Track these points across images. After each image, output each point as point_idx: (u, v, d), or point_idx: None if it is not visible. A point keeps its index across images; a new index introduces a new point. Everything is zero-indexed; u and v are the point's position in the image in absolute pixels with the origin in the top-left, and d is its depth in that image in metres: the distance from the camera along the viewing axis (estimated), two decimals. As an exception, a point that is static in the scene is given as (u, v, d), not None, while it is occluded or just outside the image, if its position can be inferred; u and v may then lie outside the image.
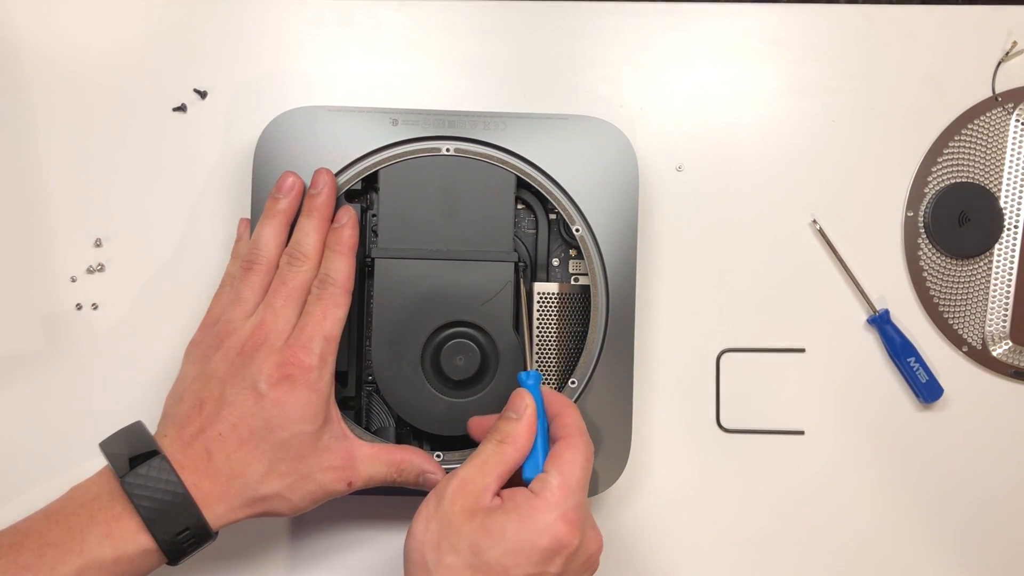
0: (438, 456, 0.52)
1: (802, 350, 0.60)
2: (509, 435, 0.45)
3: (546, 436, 0.47)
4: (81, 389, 0.58)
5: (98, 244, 0.58)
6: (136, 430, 0.47)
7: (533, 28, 0.60)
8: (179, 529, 0.43)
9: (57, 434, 0.58)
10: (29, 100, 0.59)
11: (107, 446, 0.46)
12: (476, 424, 0.51)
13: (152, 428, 0.47)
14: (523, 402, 0.46)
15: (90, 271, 0.58)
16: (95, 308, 0.58)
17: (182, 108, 0.59)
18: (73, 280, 0.58)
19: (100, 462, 0.45)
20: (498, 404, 0.52)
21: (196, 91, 0.59)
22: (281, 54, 0.59)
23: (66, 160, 0.58)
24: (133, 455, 0.44)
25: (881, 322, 0.59)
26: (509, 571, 0.42)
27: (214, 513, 0.44)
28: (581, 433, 0.46)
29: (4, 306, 0.58)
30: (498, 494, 0.44)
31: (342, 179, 0.53)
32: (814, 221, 0.60)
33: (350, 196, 0.54)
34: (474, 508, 0.43)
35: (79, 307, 0.58)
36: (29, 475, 0.57)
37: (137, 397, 0.58)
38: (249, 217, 0.54)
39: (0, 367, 0.58)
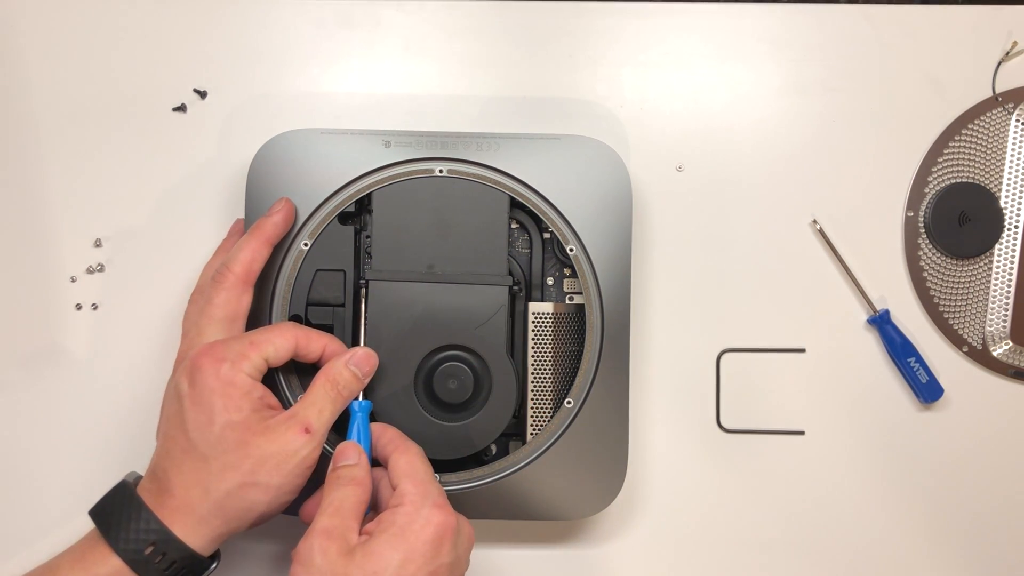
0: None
1: (802, 350, 0.60)
2: (353, 478, 0.46)
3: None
4: (81, 389, 0.58)
5: (98, 244, 0.58)
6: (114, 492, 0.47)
7: (533, 28, 0.60)
8: (135, 536, 0.43)
9: (57, 434, 0.58)
10: (29, 100, 0.59)
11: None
12: (306, 508, 0.49)
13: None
14: (355, 450, 0.47)
15: (90, 271, 0.58)
16: (95, 308, 0.58)
17: (182, 108, 0.59)
18: (73, 280, 0.58)
19: (98, 463, 0.45)
20: (490, 428, 0.53)
21: (196, 91, 0.59)
22: (281, 54, 0.59)
23: (66, 160, 0.58)
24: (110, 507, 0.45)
25: (881, 322, 0.59)
26: None
27: (187, 528, 0.44)
28: (403, 439, 0.48)
29: (4, 306, 0.58)
30: (361, 533, 0.44)
31: (336, 201, 0.53)
32: (814, 221, 0.60)
33: (343, 218, 0.54)
34: (348, 548, 0.43)
35: (79, 307, 0.58)
36: (29, 475, 0.57)
37: (137, 397, 0.58)
38: (244, 218, 0.54)
39: (0, 367, 0.58)
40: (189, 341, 0.49)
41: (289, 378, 0.52)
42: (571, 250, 0.54)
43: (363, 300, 0.53)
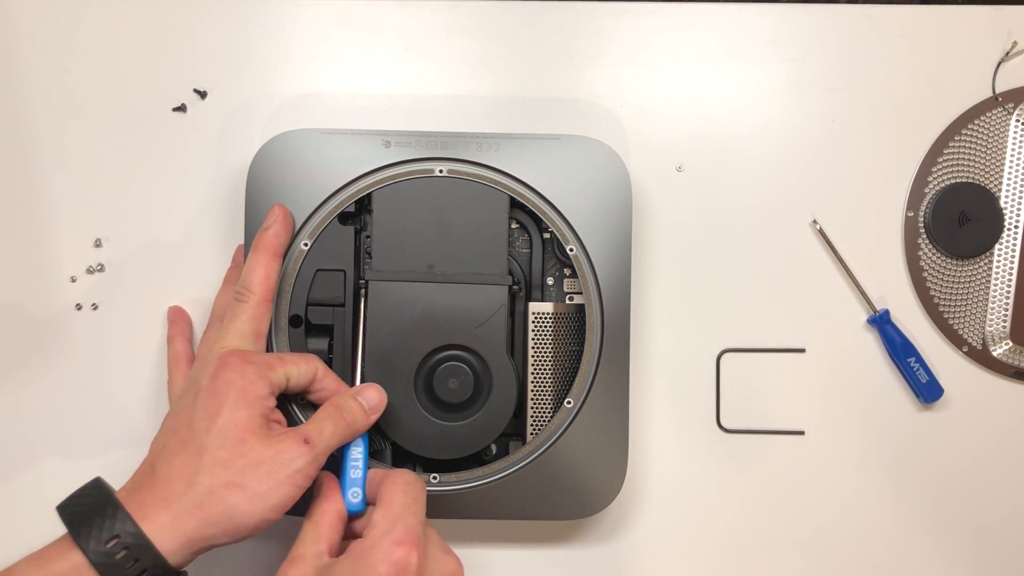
0: (434, 478, 0.53)
1: (802, 350, 0.60)
2: (315, 511, 0.46)
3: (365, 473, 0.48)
4: (81, 389, 0.58)
5: (98, 244, 0.58)
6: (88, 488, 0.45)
7: (533, 28, 0.60)
8: (108, 537, 0.41)
9: (57, 433, 0.58)
10: (29, 100, 0.59)
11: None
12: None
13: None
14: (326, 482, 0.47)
15: (90, 271, 0.58)
16: (95, 308, 0.58)
17: (182, 108, 0.59)
18: (73, 280, 0.58)
19: (98, 463, 0.45)
20: (490, 428, 0.53)
21: (196, 91, 0.59)
22: (281, 54, 0.59)
23: (66, 160, 0.58)
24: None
25: (881, 322, 0.59)
26: None
27: (158, 524, 0.42)
28: (393, 471, 0.47)
29: (4, 306, 0.58)
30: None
31: (336, 201, 0.53)
32: (814, 221, 0.60)
33: (343, 218, 0.54)
34: (314, 573, 0.43)
35: (79, 307, 0.58)
36: (28, 474, 0.57)
37: (136, 397, 0.58)
38: (243, 243, 0.53)
39: (0, 367, 0.58)
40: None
41: (301, 409, 0.52)
42: (571, 250, 0.54)
43: (363, 300, 0.53)
